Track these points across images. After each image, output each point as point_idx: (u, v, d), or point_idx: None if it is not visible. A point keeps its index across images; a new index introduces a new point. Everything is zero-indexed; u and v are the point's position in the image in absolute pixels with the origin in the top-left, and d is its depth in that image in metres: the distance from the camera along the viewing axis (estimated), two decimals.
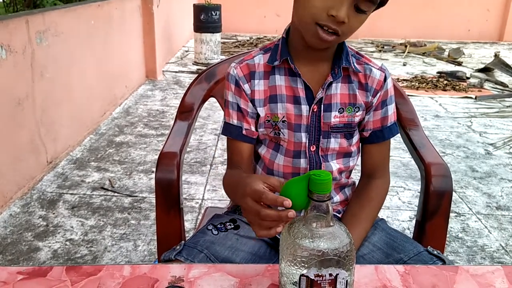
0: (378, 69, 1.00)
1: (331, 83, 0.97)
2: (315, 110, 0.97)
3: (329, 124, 0.98)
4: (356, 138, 1.04)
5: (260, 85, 0.99)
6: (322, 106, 0.97)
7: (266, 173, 1.04)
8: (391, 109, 1.02)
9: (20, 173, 2.44)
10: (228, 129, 1.02)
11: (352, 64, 0.97)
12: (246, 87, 0.99)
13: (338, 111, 0.98)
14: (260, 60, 1.00)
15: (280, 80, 0.98)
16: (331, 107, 0.98)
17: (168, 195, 1.03)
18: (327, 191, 0.65)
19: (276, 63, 0.96)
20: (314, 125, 0.99)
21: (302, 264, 0.65)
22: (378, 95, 1.00)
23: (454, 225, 2.32)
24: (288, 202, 0.66)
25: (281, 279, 0.70)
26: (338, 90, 0.98)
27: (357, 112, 1.00)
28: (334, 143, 1.00)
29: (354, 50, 1.01)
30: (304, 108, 0.97)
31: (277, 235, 1.03)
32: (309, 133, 0.99)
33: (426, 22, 8.30)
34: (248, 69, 0.99)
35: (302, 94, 0.97)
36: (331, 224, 0.67)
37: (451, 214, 2.42)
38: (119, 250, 2.02)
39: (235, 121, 1.01)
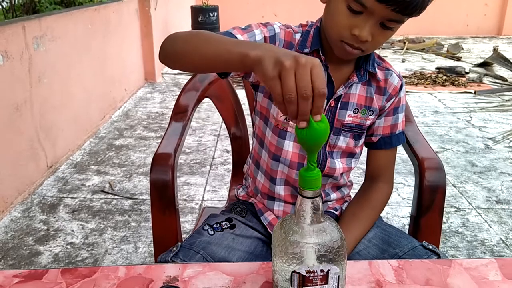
0: (397, 75, 1.02)
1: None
2: (332, 105, 0.98)
3: (342, 122, 0.99)
4: (362, 140, 1.04)
5: None
6: (339, 102, 0.98)
7: (272, 159, 1.03)
8: (401, 117, 1.04)
9: (20, 178, 2.45)
10: (223, 34, 0.88)
11: (375, 70, 0.98)
12: None
13: (353, 111, 0.99)
14: (297, 39, 0.97)
15: None
16: (347, 106, 0.98)
17: (163, 196, 1.03)
18: (317, 188, 0.66)
19: (306, 50, 0.95)
20: (328, 119, 0.99)
21: (294, 261, 0.65)
22: (392, 100, 1.01)
23: (454, 220, 2.33)
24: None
25: (274, 277, 0.70)
26: (357, 90, 0.99)
27: (370, 115, 1.01)
28: (343, 141, 1.01)
29: (376, 54, 1.01)
30: None
31: (270, 231, 1.05)
32: None
33: (424, 18, 8.18)
34: (290, 37, 0.97)
35: None
36: (322, 220, 0.67)
37: (451, 209, 2.42)
38: (120, 252, 2.03)
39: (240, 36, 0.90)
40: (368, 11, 0.82)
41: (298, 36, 0.97)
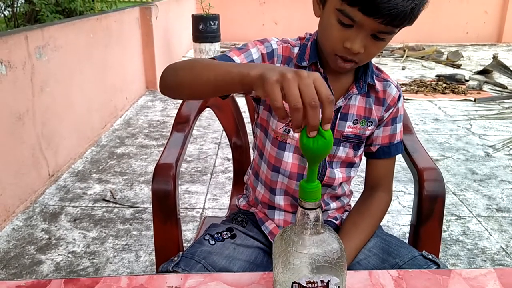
0: (395, 86, 1.03)
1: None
2: None
3: (342, 133, 1.00)
4: (361, 150, 1.06)
5: None
6: (339, 114, 0.99)
7: (271, 170, 1.03)
8: (399, 127, 1.05)
9: (22, 187, 2.46)
10: (220, 57, 0.91)
11: (374, 81, 0.99)
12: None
13: (353, 122, 1.00)
14: (295, 53, 0.99)
15: None
16: (347, 117, 1.00)
17: (165, 206, 1.04)
18: (317, 199, 0.67)
19: (304, 63, 0.96)
20: None
21: (294, 272, 0.66)
22: (390, 111, 1.02)
23: (454, 228, 2.33)
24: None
25: (275, 287, 0.71)
26: (357, 102, 1.00)
27: (369, 126, 1.02)
28: (342, 151, 1.02)
29: (374, 65, 1.03)
30: None
31: (271, 240, 1.05)
32: None
33: (424, 26, 8.33)
34: (288, 52, 0.98)
35: None
36: (322, 231, 0.68)
37: (452, 218, 2.42)
38: (121, 261, 2.03)
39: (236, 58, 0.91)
40: (358, 24, 0.83)
41: (296, 49, 0.98)
